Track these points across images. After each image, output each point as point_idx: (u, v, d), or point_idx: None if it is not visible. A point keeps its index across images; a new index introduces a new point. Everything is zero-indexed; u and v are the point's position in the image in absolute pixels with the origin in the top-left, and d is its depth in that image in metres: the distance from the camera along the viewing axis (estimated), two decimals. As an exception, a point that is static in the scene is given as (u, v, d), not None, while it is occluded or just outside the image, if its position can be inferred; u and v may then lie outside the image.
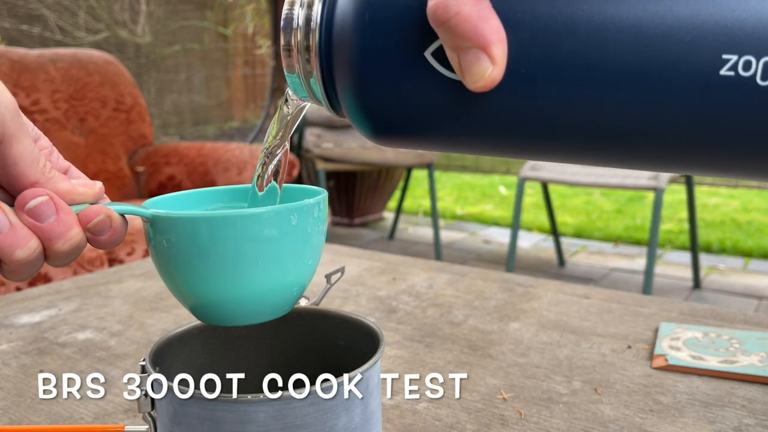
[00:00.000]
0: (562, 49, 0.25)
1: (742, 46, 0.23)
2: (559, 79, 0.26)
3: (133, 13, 5.23)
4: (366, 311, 0.74)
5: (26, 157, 0.30)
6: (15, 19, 4.62)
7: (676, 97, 0.24)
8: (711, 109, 0.24)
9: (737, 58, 0.23)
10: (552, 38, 0.25)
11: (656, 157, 0.27)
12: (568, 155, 0.29)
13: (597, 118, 0.26)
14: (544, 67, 0.26)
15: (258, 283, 0.34)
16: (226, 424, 0.32)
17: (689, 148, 0.26)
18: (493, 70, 0.25)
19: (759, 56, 0.23)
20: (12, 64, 1.93)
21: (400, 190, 3.26)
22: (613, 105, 0.25)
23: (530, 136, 0.28)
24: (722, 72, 0.24)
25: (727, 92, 0.24)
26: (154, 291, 0.83)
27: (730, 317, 0.71)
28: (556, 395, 0.54)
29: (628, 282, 2.51)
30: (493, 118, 0.27)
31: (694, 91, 0.24)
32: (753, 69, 0.23)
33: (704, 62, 0.24)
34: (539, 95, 0.26)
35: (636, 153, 0.27)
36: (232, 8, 5.79)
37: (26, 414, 0.53)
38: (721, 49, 0.24)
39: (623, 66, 0.25)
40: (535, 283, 0.84)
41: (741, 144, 0.25)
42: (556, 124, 0.27)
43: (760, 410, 0.51)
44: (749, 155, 0.26)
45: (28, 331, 0.70)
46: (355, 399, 0.34)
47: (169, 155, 2.12)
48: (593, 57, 0.25)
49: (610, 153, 0.28)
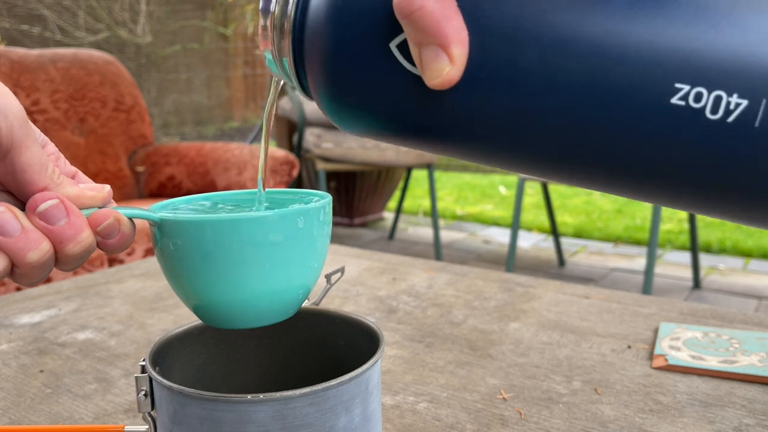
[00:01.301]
0: (522, 59, 0.25)
1: (696, 77, 0.23)
2: (516, 89, 0.26)
3: (133, 13, 5.23)
4: (366, 311, 0.74)
5: (35, 164, 0.30)
6: (15, 19, 4.63)
7: (627, 119, 0.25)
8: (659, 137, 0.24)
9: (689, 89, 0.24)
10: (513, 46, 0.25)
11: (605, 179, 0.27)
12: (518, 165, 0.29)
13: (550, 132, 0.26)
14: (503, 74, 0.26)
15: (263, 286, 0.34)
16: (226, 424, 0.32)
17: (635, 173, 0.26)
18: (451, 69, 0.25)
19: (711, 89, 0.23)
20: (12, 64, 1.93)
21: (400, 190, 3.26)
22: (566, 121, 0.25)
23: (484, 141, 0.28)
24: (673, 100, 0.24)
25: (676, 121, 0.24)
26: (154, 291, 0.83)
27: (730, 317, 0.71)
28: (556, 395, 0.54)
29: (628, 282, 2.51)
30: (449, 117, 0.28)
31: (645, 115, 0.24)
32: (703, 101, 0.23)
33: (657, 88, 0.24)
34: (495, 101, 0.26)
35: (585, 171, 0.27)
36: (232, 8, 5.79)
37: (26, 414, 0.53)
38: (676, 77, 0.24)
39: (579, 83, 0.25)
40: (535, 283, 0.84)
41: (684, 175, 0.25)
42: (509, 133, 0.27)
43: (760, 410, 0.51)
44: (691, 187, 0.25)
45: (28, 331, 0.70)
46: (355, 399, 0.35)
47: (169, 155, 2.12)
48: (551, 70, 0.25)
49: (559, 168, 0.28)
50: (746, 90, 0.23)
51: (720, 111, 0.23)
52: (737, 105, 0.23)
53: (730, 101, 0.23)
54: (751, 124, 0.23)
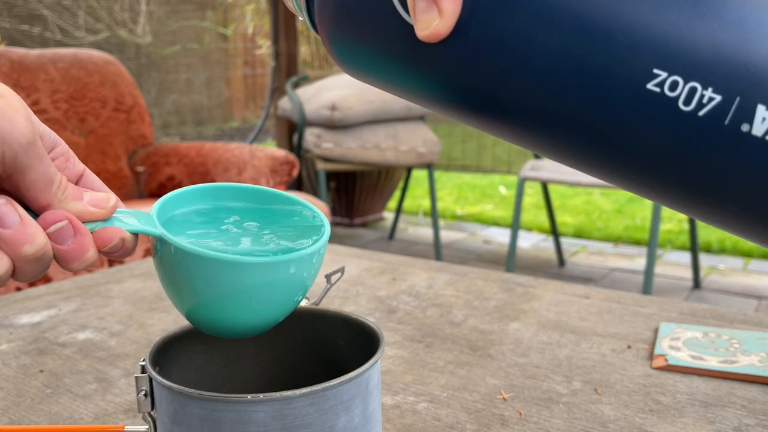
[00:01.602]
0: (510, 23, 0.25)
1: (675, 65, 0.23)
2: (501, 53, 0.26)
3: (133, 13, 5.23)
4: (366, 311, 0.74)
5: (40, 182, 0.31)
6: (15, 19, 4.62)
7: (602, 97, 0.25)
8: (630, 119, 0.24)
9: (666, 76, 0.23)
10: (503, 10, 0.25)
11: (574, 153, 0.27)
12: (493, 129, 0.29)
13: (530, 101, 0.26)
14: (489, 36, 0.26)
15: (250, 316, 0.35)
16: (226, 424, 0.32)
17: (602, 151, 0.26)
18: (440, 22, 0.26)
19: (687, 79, 0.23)
20: (12, 64, 1.93)
21: (400, 190, 3.26)
22: (545, 91, 0.26)
23: (465, 101, 0.28)
24: (649, 86, 0.24)
25: (648, 107, 0.24)
26: (154, 291, 0.83)
27: (730, 317, 0.71)
28: (556, 395, 0.54)
29: (628, 282, 2.51)
30: (434, 71, 0.28)
31: (619, 96, 0.24)
32: (678, 90, 0.23)
33: (636, 71, 0.24)
34: (480, 62, 0.26)
35: (557, 141, 0.27)
36: (232, 8, 5.79)
37: (26, 414, 0.53)
38: (655, 63, 0.23)
39: (562, 55, 0.25)
40: (535, 283, 0.84)
41: (650, 162, 0.25)
42: (489, 96, 0.27)
43: (760, 410, 0.51)
44: (655, 176, 0.25)
45: (28, 331, 0.70)
46: (355, 399, 0.35)
47: (169, 155, 2.12)
48: (539, 38, 0.25)
49: (530, 136, 0.28)
50: (722, 86, 0.23)
51: (693, 103, 0.23)
52: (711, 99, 0.23)
53: (704, 94, 0.23)
54: (721, 121, 0.23)
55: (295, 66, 3.22)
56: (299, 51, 3.31)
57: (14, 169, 0.29)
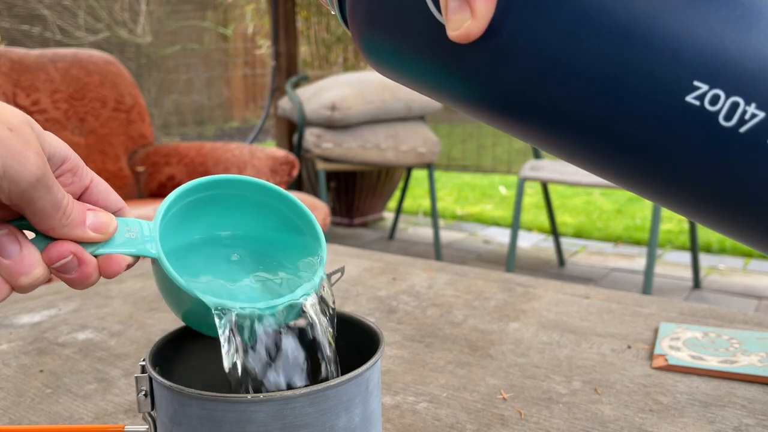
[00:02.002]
0: (546, 27, 0.24)
1: (717, 78, 0.22)
2: (537, 57, 0.25)
3: (133, 13, 5.23)
4: (366, 311, 0.74)
5: (47, 209, 0.31)
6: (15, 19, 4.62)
7: (640, 106, 0.24)
8: (668, 133, 0.23)
9: (707, 89, 0.22)
10: (540, 12, 0.25)
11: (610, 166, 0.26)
12: (527, 134, 0.28)
13: (562, 107, 0.25)
14: (525, 39, 0.25)
15: None
16: (226, 424, 0.32)
17: (635, 163, 0.25)
18: (471, 23, 0.25)
19: (729, 93, 0.22)
20: (12, 64, 1.93)
21: (400, 190, 3.26)
22: (578, 97, 0.25)
23: (493, 103, 0.27)
24: (688, 98, 0.23)
25: (688, 120, 0.23)
26: (154, 291, 0.83)
27: (730, 317, 0.71)
28: (556, 395, 0.54)
29: (628, 282, 2.51)
30: (463, 72, 0.27)
31: (657, 107, 0.23)
32: (719, 105, 0.22)
33: (675, 82, 0.23)
34: (512, 65, 0.26)
35: (591, 154, 0.26)
36: (232, 8, 5.79)
37: (26, 414, 0.53)
38: (696, 74, 0.23)
39: (598, 61, 0.24)
40: (535, 283, 0.84)
41: (684, 176, 0.24)
42: (521, 99, 0.26)
43: (760, 410, 0.51)
44: (687, 189, 0.25)
45: (28, 331, 0.70)
46: (355, 399, 0.35)
47: (169, 155, 2.12)
48: (575, 42, 0.24)
49: (565, 145, 0.27)
50: (767, 102, 0.22)
51: (734, 119, 0.22)
52: (753, 116, 0.22)
53: (746, 110, 0.22)
54: (763, 139, 0.22)
55: (295, 66, 3.22)
56: (299, 51, 3.31)
57: (21, 201, 0.30)
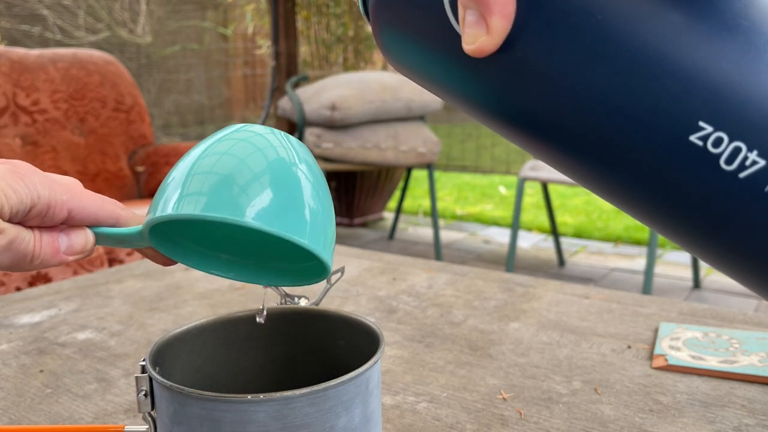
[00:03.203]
0: (559, 49, 0.25)
1: (722, 121, 0.23)
2: (548, 77, 0.25)
3: (133, 13, 5.23)
4: (366, 311, 0.74)
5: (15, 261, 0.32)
6: (15, 19, 4.62)
7: (643, 140, 0.24)
8: (668, 168, 0.24)
9: (711, 131, 0.23)
10: (555, 34, 0.25)
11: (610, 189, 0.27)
12: (530, 147, 0.28)
13: (567, 128, 0.26)
14: (537, 59, 0.25)
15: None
16: (226, 424, 0.32)
17: (634, 191, 0.25)
18: (486, 39, 0.25)
19: (732, 138, 0.23)
20: (12, 64, 1.93)
21: (400, 190, 3.26)
22: (585, 121, 0.25)
23: (504, 118, 0.28)
24: (692, 138, 0.23)
25: (689, 159, 0.23)
26: (154, 291, 0.83)
27: (730, 317, 0.71)
28: (556, 395, 0.54)
29: (628, 282, 2.51)
30: (474, 84, 0.28)
31: (660, 142, 0.24)
32: (721, 148, 0.23)
33: (681, 120, 0.23)
34: (522, 82, 0.26)
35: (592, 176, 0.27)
36: (232, 8, 5.79)
37: (26, 414, 0.53)
38: (702, 115, 0.23)
39: (607, 89, 0.24)
40: (535, 283, 0.84)
41: (682, 214, 0.24)
42: (527, 115, 0.27)
43: (760, 410, 0.51)
44: (685, 226, 0.25)
45: (28, 331, 0.70)
46: (355, 399, 0.35)
47: (169, 155, 2.12)
48: (586, 68, 0.24)
49: (567, 163, 0.27)
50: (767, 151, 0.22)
51: (735, 163, 0.23)
52: (754, 163, 0.22)
53: (747, 156, 0.22)
54: (761, 187, 0.22)
55: (295, 66, 3.22)
56: (299, 51, 3.31)
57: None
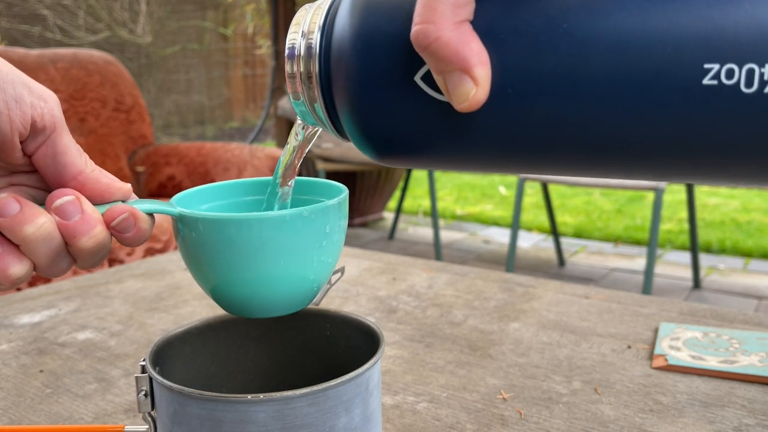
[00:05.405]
0: (545, 67, 0.25)
1: (724, 55, 0.23)
2: (545, 96, 0.26)
3: (133, 13, 5.24)
4: (366, 311, 0.74)
5: (73, 147, 0.32)
6: (15, 19, 4.63)
7: (662, 107, 0.25)
8: (697, 119, 0.24)
9: (719, 67, 0.23)
10: (534, 56, 0.26)
11: (647, 167, 0.27)
12: (560, 168, 0.29)
13: (584, 132, 0.26)
14: (530, 85, 0.26)
15: (279, 280, 0.35)
16: (226, 424, 0.32)
17: (679, 158, 0.26)
18: (477, 91, 0.26)
19: (741, 64, 0.23)
20: (12, 64, 1.93)
21: (400, 190, 3.26)
22: (600, 119, 0.26)
23: (522, 152, 0.28)
24: (705, 81, 0.24)
25: (712, 101, 0.24)
26: (154, 291, 0.83)
27: (730, 317, 0.71)
28: (556, 395, 0.54)
29: (628, 282, 2.51)
30: (484, 136, 0.28)
31: (679, 101, 0.24)
32: (736, 77, 0.23)
33: (686, 73, 0.24)
34: (526, 112, 0.27)
35: (627, 164, 0.27)
36: (232, 8, 5.79)
37: (26, 414, 0.53)
38: (702, 59, 0.24)
39: (607, 80, 0.25)
40: (535, 283, 0.84)
41: (730, 150, 0.25)
42: (545, 139, 0.27)
43: (760, 410, 0.51)
44: (739, 161, 0.26)
45: (28, 331, 0.70)
46: (355, 399, 0.35)
47: (169, 155, 2.12)
48: (576, 72, 0.25)
49: (600, 165, 0.28)
50: None
51: (755, 84, 0.23)
52: None
53: (763, 72, 0.23)
54: None
55: (295, 66, 3.22)
56: (299, 51, 3.30)
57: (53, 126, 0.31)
